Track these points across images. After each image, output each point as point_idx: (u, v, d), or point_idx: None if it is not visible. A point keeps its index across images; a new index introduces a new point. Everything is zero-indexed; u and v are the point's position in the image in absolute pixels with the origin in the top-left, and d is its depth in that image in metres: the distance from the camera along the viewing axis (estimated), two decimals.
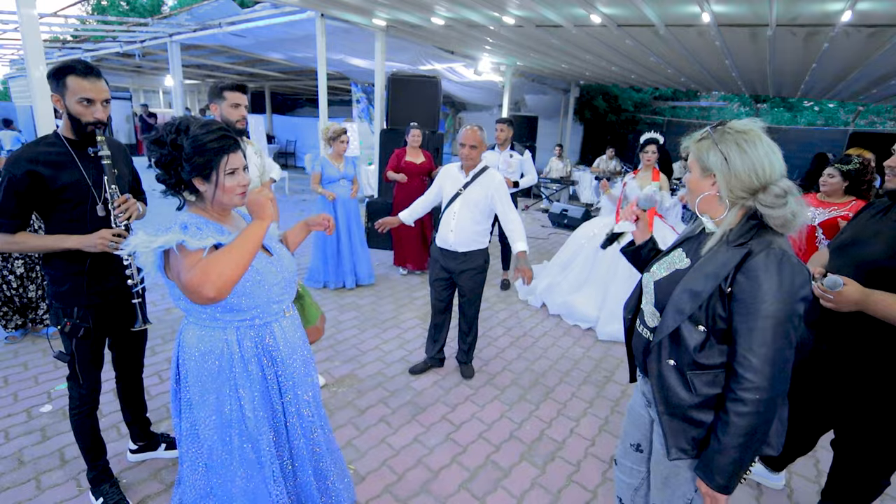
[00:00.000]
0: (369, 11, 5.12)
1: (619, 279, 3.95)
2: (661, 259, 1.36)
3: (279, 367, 1.48)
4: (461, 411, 2.82)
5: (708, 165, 1.19)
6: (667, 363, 1.21)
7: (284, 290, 1.49)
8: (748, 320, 1.08)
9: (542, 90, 12.24)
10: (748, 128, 1.16)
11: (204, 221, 1.34)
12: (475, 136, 2.73)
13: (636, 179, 4.03)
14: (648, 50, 5.48)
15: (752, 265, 1.08)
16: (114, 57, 9.37)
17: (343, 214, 4.45)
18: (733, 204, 1.17)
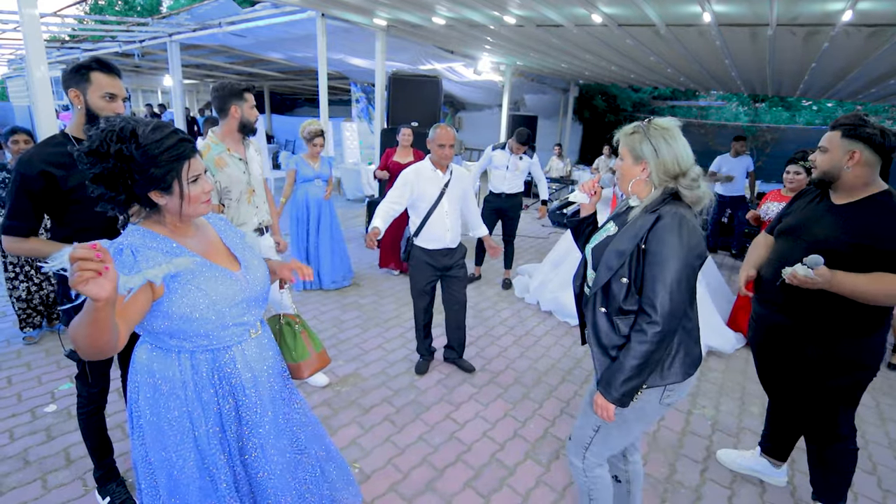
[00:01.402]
0: (370, 11, 5.13)
1: None
2: (595, 235, 1.61)
3: (239, 397, 1.32)
4: (465, 410, 2.83)
5: (640, 154, 1.44)
6: (599, 311, 1.48)
7: (249, 309, 1.33)
8: (654, 269, 1.35)
9: (542, 90, 12.25)
10: (670, 125, 1.42)
11: (153, 238, 1.19)
12: (451, 134, 2.80)
13: None
14: (649, 49, 5.50)
15: (660, 226, 1.36)
16: (112, 57, 9.33)
17: (315, 215, 4.39)
18: (658, 186, 1.43)
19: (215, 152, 2.32)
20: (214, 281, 1.24)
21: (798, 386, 1.99)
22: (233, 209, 2.40)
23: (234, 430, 1.34)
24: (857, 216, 1.69)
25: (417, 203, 2.86)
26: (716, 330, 3.74)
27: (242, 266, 1.36)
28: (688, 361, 1.48)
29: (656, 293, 1.34)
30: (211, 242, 1.34)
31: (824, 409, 1.91)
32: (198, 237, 1.31)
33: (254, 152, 2.54)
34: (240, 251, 1.40)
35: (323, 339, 3.63)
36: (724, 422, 2.86)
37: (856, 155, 1.66)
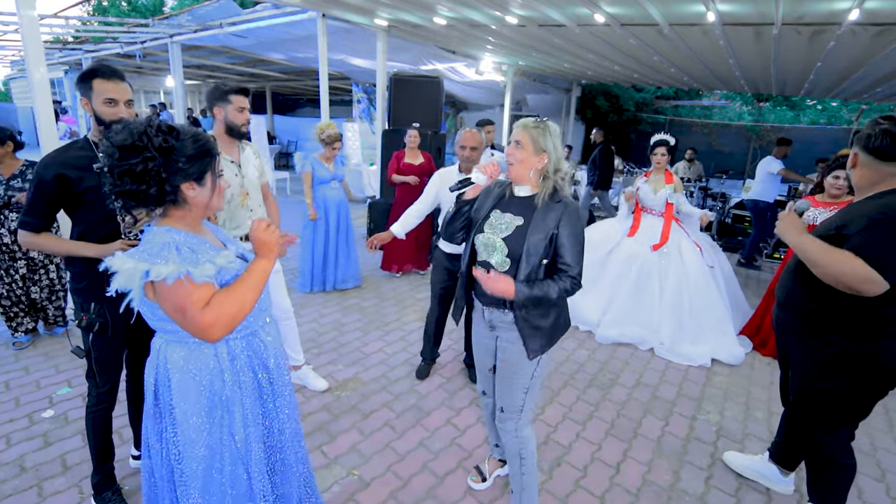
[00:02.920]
0: (371, 11, 5.10)
1: (628, 285, 3.89)
2: (487, 224, 1.77)
3: (272, 373, 1.43)
4: (466, 415, 2.79)
5: (543, 146, 1.68)
6: None
7: (268, 297, 1.47)
8: (571, 243, 1.67)
9: (544, 90, 12.20)
10: (558, 129, 1.73)
11: (187, 237, 1.24)
12: (476, 137, 2.74)
13: (648, 183, 3.96)
14: (652, 49, 5.45)
15: (571, 212, 1.68)
16: (114, 58, 9.35)
17: (334, 216, 4.38)
18: (547, 177, 1.71)
19: None
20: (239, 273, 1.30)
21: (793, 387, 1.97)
22: (225, 212, 2.37)
23: (272, 406, 1.43)
24: (848, 209, 1.75)
25: (443, 206, 2.85)
26: (725, 343, 3.61)
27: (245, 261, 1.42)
28: (566, 322, 1.83)
29: (573, 263, 1.66)
30: (215, 240, 1.39)
31: (813, 415, 1.88)
32: (208, 234, 1.36)
33: (251, 155, 2.50)
34: (237, 247, 1.46)
35: (324, 342, 3.61)
36: (728, 427, 2.82)
37: (855, 158, 1.73)
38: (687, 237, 3.97)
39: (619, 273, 4.02)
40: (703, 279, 3.77)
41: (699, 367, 3.49)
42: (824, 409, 1.84)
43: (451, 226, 1.88)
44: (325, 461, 2.36)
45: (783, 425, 2.26)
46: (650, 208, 4.01)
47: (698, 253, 3.88)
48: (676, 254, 3.86)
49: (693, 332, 3.65)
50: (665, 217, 3.92)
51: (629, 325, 3.80)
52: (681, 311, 3.69)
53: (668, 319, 3.69)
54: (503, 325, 1.80)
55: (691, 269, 3.80)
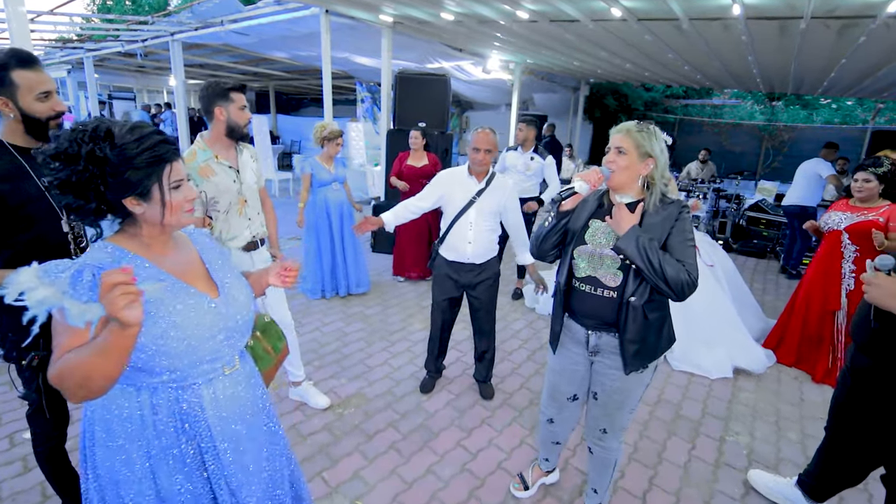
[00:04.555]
0: (376, 7, 4.91)
1: None
2: (588, 236, 1.68)
3: (203, 440, 1.15)
4: (477, 436, 2.60)
5: (649, 151, 1.59)
6: (633, 304, 1.59)
7: (225, 344, 1.17)
8: (687, 247, 1.56)
9: (552, 88, 11.98)
10: (660, 131, 1.64)
11: (122, 257, 1.05)
12: (491, 139, 2.52)
13: None
14: (667, 46, 5.23)
15: (685, 216, 1.59)
16: (116, 56, 9.21)
17: (337, 219, 4.19)
18: (653, 183, 1.62)
19: (201, 159, 2.10)
20: (189, 309, 1.08)
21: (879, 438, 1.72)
22: (221, 221, 2.18)
23: (200, 479, 1.16)
24: None
25: (446, 207, 2.65)
26: (742, 346, 3.48)
27: (222, 293, 1.19)
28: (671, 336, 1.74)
29: (692, 260, 1.54)
30: (190, 262, 1.19)
31: None
32: (176, 255, 1.16)
33: (248, 158, 2.32)
34: (220, 274, 1.22)
35: (325, 353, 3.43)
36: (760, 451, 2.62)
37: None
38: None
39: None
40: (704, 279, 3.61)
41: (723, 381, 3.28)
42: None
43: (545, 242, 1.75)
44: (326, 490, 2.18)
45: (823, 458, 2.05)
46: None
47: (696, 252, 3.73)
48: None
49: (703, 335, 3.46)
50: None
51: None
52: (685, 313, 3.51)
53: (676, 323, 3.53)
54: (609, 350, 1.69)
55: None
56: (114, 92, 14.03)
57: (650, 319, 1.61)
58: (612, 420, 1.79)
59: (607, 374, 1.73)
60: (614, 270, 1.63)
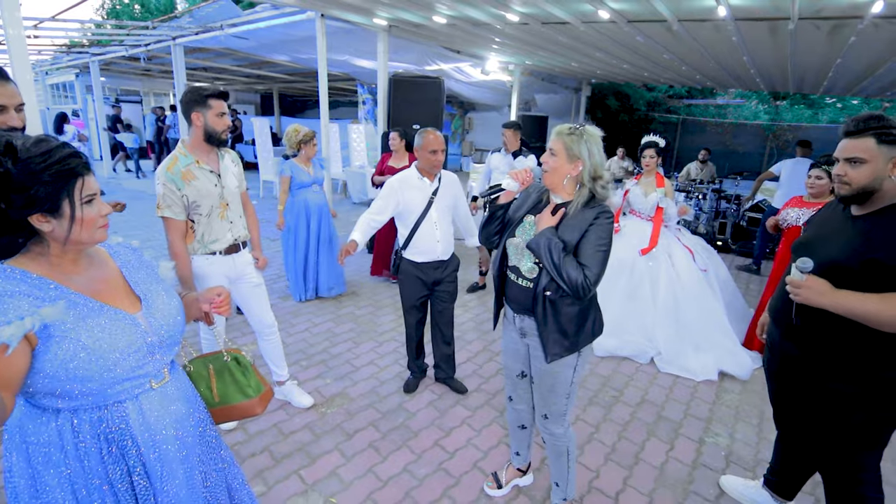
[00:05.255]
0: (369, 11, 4.97)
1: (619, 293, 3.71)
2: (519, 229, 1.79)
3: (132, 462, 1.10)
4: (456, 436, 2.63)
5: (577, 154, 1.65)
6: (546, 296, 1.70)
7: (150, 357, 1.13)
8: (594, 251, 1.62)
9: (553, 89, 11.98)
10: (598, 134, 1.68)
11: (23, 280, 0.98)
12: (442, 140, 2.62)
13: (639, 186, 3.80)
14: (661, 47, 5.24)
15: (602, 221, 1.65)
16: (122, 60, 9.37)
17: (315, 221, 4.21)
18: (583, 185, 1.69)
19: (182, 164, 2.15)
20: (101, 328, 1.04)
21: (813, 421, 1.76)
22: (203, 225, 2.23)
23: (129, 500, 1.14)
24: (877, 227, 1.49)
25: (404, 214, 2.67)
26: (730, 352, 3.46)
27: (144, 306, 1.16)
28: (601, 322, 1.84)
29: (595, 265, 1.61)
30: (107, 279, 1.14)
31: (842, 451, 1.68)
32: (90, 273, 1.11)
33: (230, 163, 2.37)
34: (143, 287, 1.19)
35: (313, 353, 3.48)
36: (739, 452, 2.62)
37: None
38: (677, 241, 3.81)
39: (609, 280, 3.83)
40: (697, 284, 3.62)
41: (708, 383, 3.28)
42: (861, 444, 1.63)
43: (485, 229, 1.91)
44: (301, 487, 2.22)
45: (779, 450, 2.08)
46: (639, 212, 3.85)
47: (689, 257, 3.72)
48: (666, 258, 3.71)
49: (692, 339, 3.46)
50: (654, 221, 3.75)
51: (623, 335, 3.62)
52: (676, 317, 3.52)
53: (663, 326, 3.53)
54: (533, 333, 1.79)
55: (684, 274, 3.64)
56: (121, 95, 14.24)
57: (565, 312, 1.70)
58: (548, 404, 1.87)
59: (536, 356, 1.83)
60: (531, 264, 1.74)
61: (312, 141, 4.10)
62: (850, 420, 1.60)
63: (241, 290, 2.48)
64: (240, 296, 2.52)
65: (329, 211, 4.36)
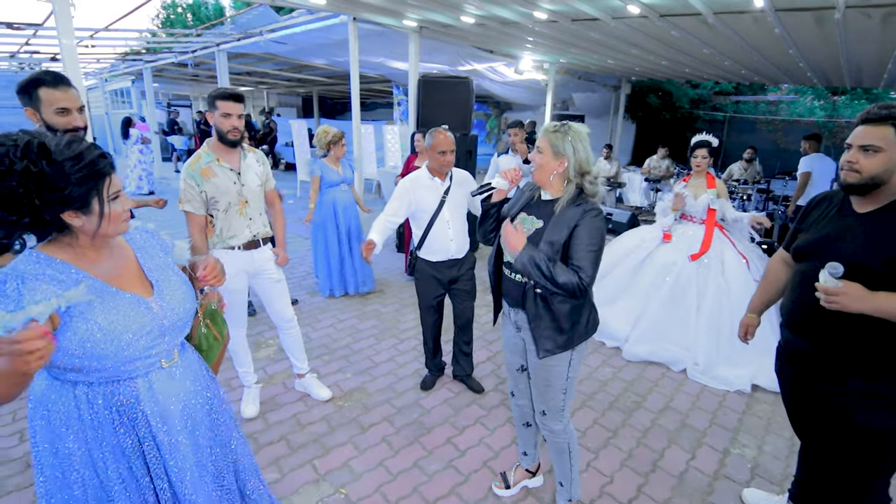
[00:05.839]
0: (399, 13, 5.04)
1: (662, 297, 3.57)
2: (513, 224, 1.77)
3: (142, 433, 1.20)
4: (469, 435, 2.63)
5: (561, 150, 1.67)
6: (536, 292, 1.71)
7: (160, 338, 1.21)
8: (585, 250, 1.62)
9: (591, 88, 11.75)
10: (584, 131, 1.70)
11: (49, 265, 1.07)
12: (452, 140, 2.62)
13: (688, 187, 3.64)
14: (699, 41, 5.04)
15: (590, 218, 1.64)
16: (172, 67, 9.91)
17: (344, 219, 4.35)
18: (570, 181, 1.70)
19: (204, 162, 2.27)
20: (117, 311, 1.13)
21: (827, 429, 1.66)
22: (221, 220, 2.34)
23: (141, 468, 1.23)
24: (888, 224, 1.44)
25: (417, 214, 2.70)
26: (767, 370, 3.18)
27: (156, 291, 1.24)
28: (595, 320, 1.82)
29: (584, 265, 1.61)
30: (124, 265, 1.23)
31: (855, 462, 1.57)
32: (110, 260, 1.20)
33: (253, 162, 2.47)
34: (156, 274, 1.27)
35: (336, 348, 3.56)
36: (766, 465, 2.49)
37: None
38: (732, 248, 3.58)
39: (653, 283, 3.70)
40: (748, 295, 3.36)
41: (738, 393, 3.13)
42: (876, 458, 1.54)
43: (481, 228, 1.96)
44: (314, 477, 2.28)
45: (802, 462, 1.97)
46: (690, 215, 3.67)
47: (744, 266, 3.50)
48: (718, 265, 3.50)
49: (732, 353, 3.28)
50: (706, 224, 3.57)
51: (661, 341, 3.48)
52: (719, 329, 3.34)
53: (705, 338, 3.35)
54: (527, 327, 1.80)
55: (734, 284, 3.43)
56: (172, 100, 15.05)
57: (557, 308, 1.70)
58: (544, 399, 1.86)
59: (531, 350, 1.83)
60: None
61: (341, 142, 4.22)
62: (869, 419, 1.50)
63: (261, 285, 2.58)
64: (260, 290, 2.62)
65: (357, 209, 4.47)
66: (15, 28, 5.14)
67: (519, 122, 4.24)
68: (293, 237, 6.64)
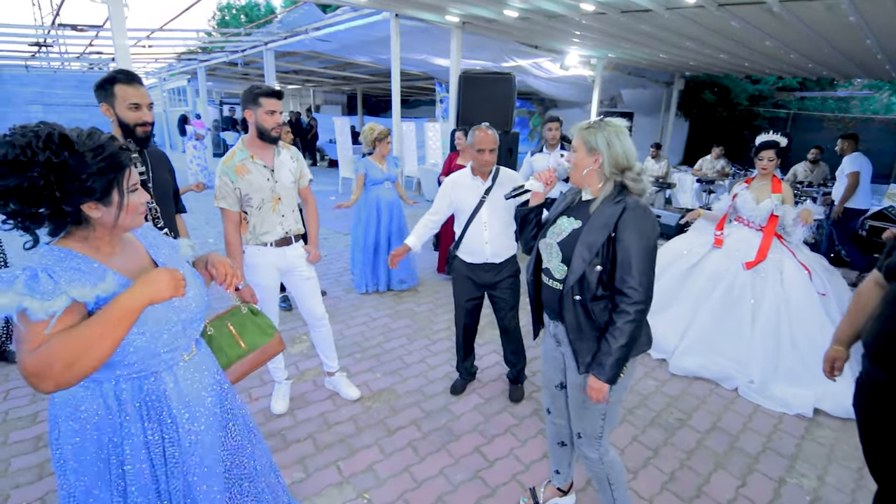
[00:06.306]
0: (442, 8, 4.96)
1: (712, 306, 3.32)
2: (551, 228, 1.70)
3: (166, 426, 1.21)
4: (498, 445, 2.53)
5: (594, 146, 1.56)
6: (574, 299, 1.58)
7: (184, 333, 1.22)
8: (628, 254, 1.48)
9: (641, 84, 11.28)
10: (621, 125, 1.59)
11: (68, 260, 1.06)
12: (494, 138, 2.49)
13: (750, 191, 3.35)
14: (762, 32, 4.67)
15: (628, 215, 1.50)
16: (224, 66, 10.28)
17: (386, 216, 4.35)
18: (608, 178, 1.58)
19: (238, 159, 2.27)
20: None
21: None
22: (255, 217, 2.34)
23: (161, 467, 1.23)
24: None
25: (458, 213, 2.64)
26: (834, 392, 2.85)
27: None
28: (647, 332, 1.67)
29: (633, 275, 1.48)
30: (138, 260, 1.22)
31: None
32: (124, 255, 1.19)
33: (287, 159, 2.45)
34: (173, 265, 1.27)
35: (368, 347, 3.54)
36: (828, 498, 2.25)
37: None
38: (792, 257, 3.27)
39: (703, 291, 3.44)
40: (810, 308, 3.09)
41: (798, 417, 2.86)
42: None
43: (522, 236, 1.89)
44: (338, 479, 2.25)
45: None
46: (748, 220, 3.39)
47: (805, 276, 3.19)
48: (776, 275, 3.21)
49: (792, 371, 3.00)
50: (765, 231, 3.28)
51: (711, 354, 3.24)
52: (778, 343, 3.07)
53: (760, 353, 3.08)
54: (567, 341, 1.70)
55: (795, 295, 3.13)
56: (224, 98, 15.66)
57: (597, 318, 1.57)
58: (582, 421, 1.74)
59: (570, 366, 1.72)
60: (558, 262, 1.65)
61: (387, 139, 4.21)
62: None
63: (293, 281, 2.57)
64: (292, 287, 2.61)
65: (400, 206, 4.48)
66: (79, 30, 5.44)
67: (557, 116, 4.08)
68: (331, 233, 6.72)
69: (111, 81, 1.83)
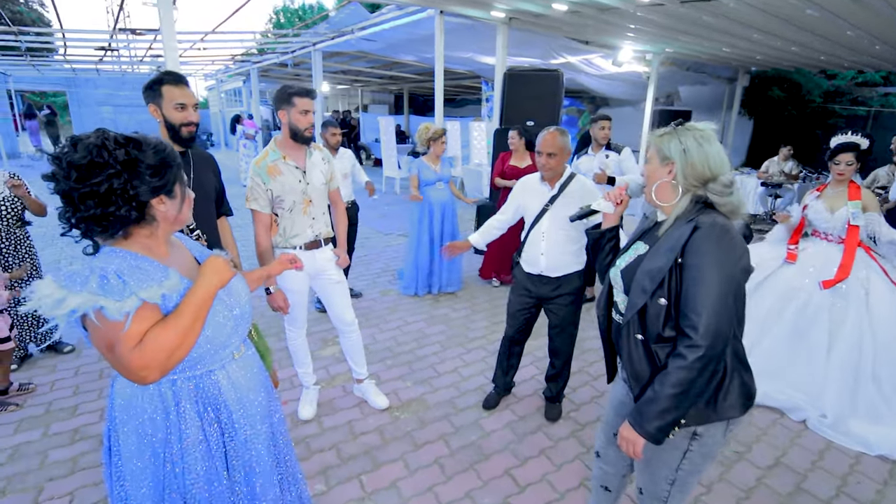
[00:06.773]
0: (487, 3, 4.80)
1: (782, 329, 2.96)
2: (625, 255, 1.44)
3: (224, 422, 1.23)
4: (531, 468, 2.35)
5: (667, 154, 1.31)
6: (635, 338, 1.32)
7: (235, 331, 1.25)
8: (695, 285, 1.19)
9: (701, 80, 10.61)
10: (706, 128, 1.32)
11: (131, 261, 1.07)
12: (554, 141, 2.27)
13: (822, 199, 2.98)
14: (842, 21, 4.20)
15: (698, 236, 1.21)
16: (275, 67, 10.57)
17: (439, 218, 4.29)
18: (686, 191, 1.30)
19: (271, 160, 2.22)
20: None
21: None
22: (286, 219, 2.28)
23: (222, 466, 1.25)
24: None
25: (525, 218, 2.53)
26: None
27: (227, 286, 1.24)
28: (744, 392, 1.30)
29: (698, 312, 1.18)
30: (186, 261, 1.24)
31: None
32: (175, 256, 1.20)
33: (318, 160, 2.39)
34: None
35: (400, 353, 3.44)
36: None
37: None
38: (882, 275, 2.86)
39: (772, 311, 3.07)
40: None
41: (880, 458, 2.50)
42: None
43: (596, 261, 1.64)
44: (360, 494, 2.15)
45: None
46: (823, 232, 3.01)
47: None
48: (860, 296, 2.80)
49: (874, 406, 2.64)
50: (846, 245, 2.89)
51: (777, 382, 2.89)
52: (858, 374, 2.70)
53: (837, 383, 2.72)
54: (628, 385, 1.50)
55: (882, 320, 2.74)
56: None
57: (659, 361, 1.27)
58: (645, 478, 1.49)
59: None
60: (623, 295, 1.40)
61: (441, 138, 4.14)
62: None
63: (322, 286, 2.50)
64: (320, 291, 2.55)
65: (454, 208, 4.43)
66: (137, 34, 5.70)
67: (607, 115, 3.84)
68: (374, 233, 6.71)
69: (159, 83, 1.86)
